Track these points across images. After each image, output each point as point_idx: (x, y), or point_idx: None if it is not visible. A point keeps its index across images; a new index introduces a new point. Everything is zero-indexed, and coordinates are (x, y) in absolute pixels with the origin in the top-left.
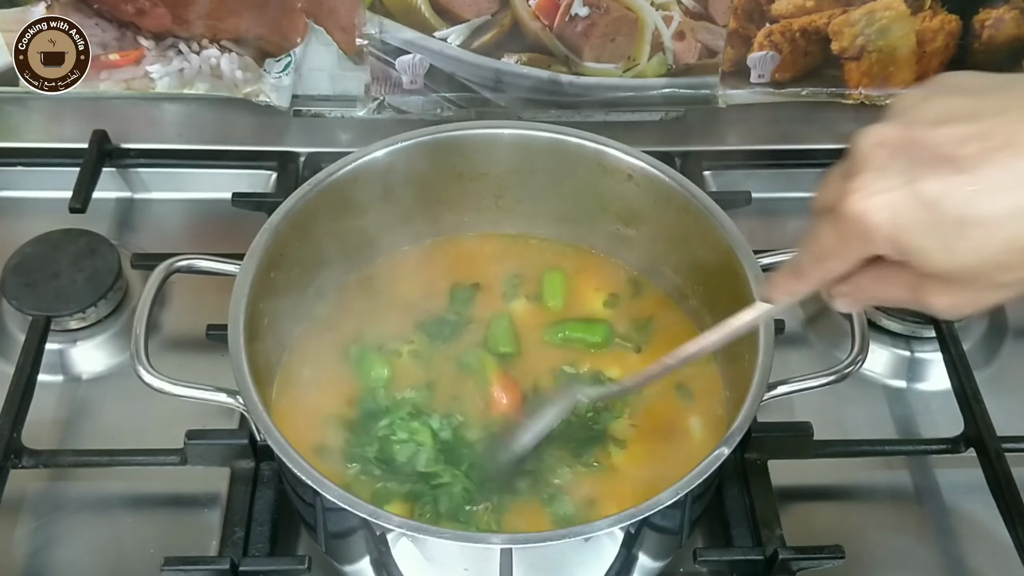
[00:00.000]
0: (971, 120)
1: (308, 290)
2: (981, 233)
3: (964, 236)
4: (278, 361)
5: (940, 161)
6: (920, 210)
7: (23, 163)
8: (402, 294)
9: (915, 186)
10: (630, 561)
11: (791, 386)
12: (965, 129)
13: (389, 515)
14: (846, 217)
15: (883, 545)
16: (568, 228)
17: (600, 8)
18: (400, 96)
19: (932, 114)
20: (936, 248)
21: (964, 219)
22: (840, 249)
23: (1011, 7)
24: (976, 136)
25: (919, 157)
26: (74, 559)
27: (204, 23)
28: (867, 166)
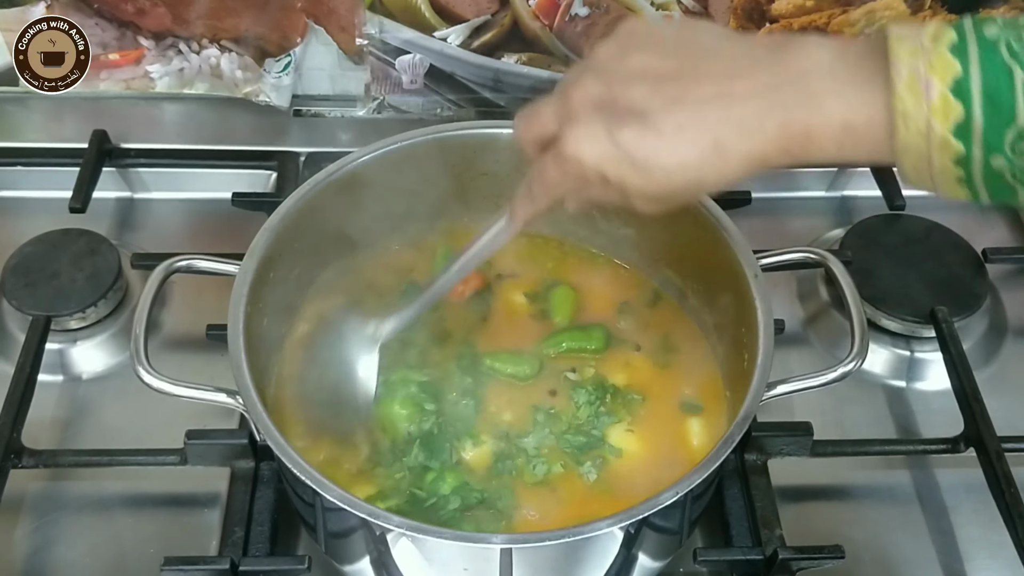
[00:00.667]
0: (656, 80)
1: (308, 290)
2: (662, 175)
3: (651, 176)
4: (278, 361)
5: (632, 116)
6: (619, 155)
7: (23, 163)
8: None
9: (614, 137)
10: (630, 561)
11: (791, 386)
12: (651, 87)
13: (389, 515)
14: (566, 158)
15: (883, 545)
16: (568, 228)
17: (600, 8)
18: (400, 96)
19: (627, 69)
20: (633, 182)
21: (649, 163)
22: (562, 180)
23: (1011, 7)
24: (658, 93)
25: (616, 112)
26: (74, 559)
27: (204, 23)
28: (578, 118)
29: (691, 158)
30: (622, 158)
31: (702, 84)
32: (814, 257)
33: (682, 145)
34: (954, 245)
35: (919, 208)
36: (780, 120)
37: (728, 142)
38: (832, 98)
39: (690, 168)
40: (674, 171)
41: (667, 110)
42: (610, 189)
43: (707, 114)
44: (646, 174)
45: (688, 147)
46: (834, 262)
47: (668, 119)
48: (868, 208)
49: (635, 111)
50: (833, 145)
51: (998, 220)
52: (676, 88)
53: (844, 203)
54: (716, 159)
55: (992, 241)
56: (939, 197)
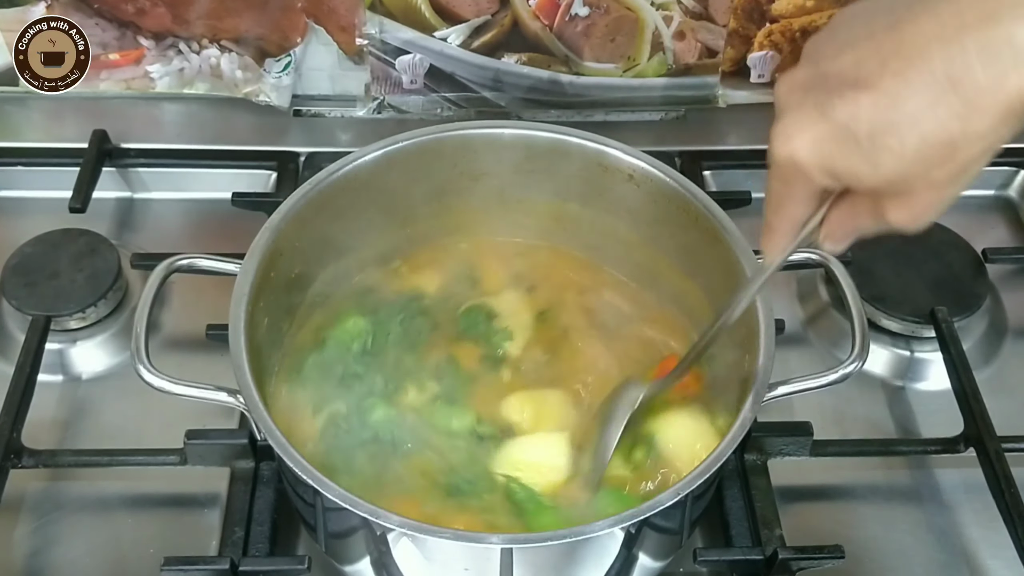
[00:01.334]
0: (867, 40)
1: (308, 289)
2: (894, 140)
3: (881, 147)
4: (278, 360)
5: (845, 86)
6: (837, 135)
7: (23, 163)
8: (401, 293)
9: (828, 115)
10: (630, 561)
11: (791, 386)
12: (862, 50)
13: (389, 515)
14: (779, 163)
15: (883, 545)
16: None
17: (600, 8)
18: (400, 96)
19: (834, 47)
20: (862, 165)
21: (875, 132)
22: (788, 192)
23: None
24: (871, 55)
25: (827, 88)
26: (74, 559)
27: (204, 23)
28: (785, 110)
29: (922, 106)
30: (840, 135)
31: (921, 23)
32: (815, 258)
33: (908, 94)
34: (954, 245)
35: None
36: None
37: (968, 77)
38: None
39: (925, 121)
40: (907, 129)
41: (884, 65)
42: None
43: (932, 53)
44: (874, 146)
45: (916, 94)
46: (834, 262)
47: (885, 73)
48: None
49: (848, 80)
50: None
51: (998, 220)
52: (890, 40)
53: None
54: (957, 103)
55: (992, 241)
56: None
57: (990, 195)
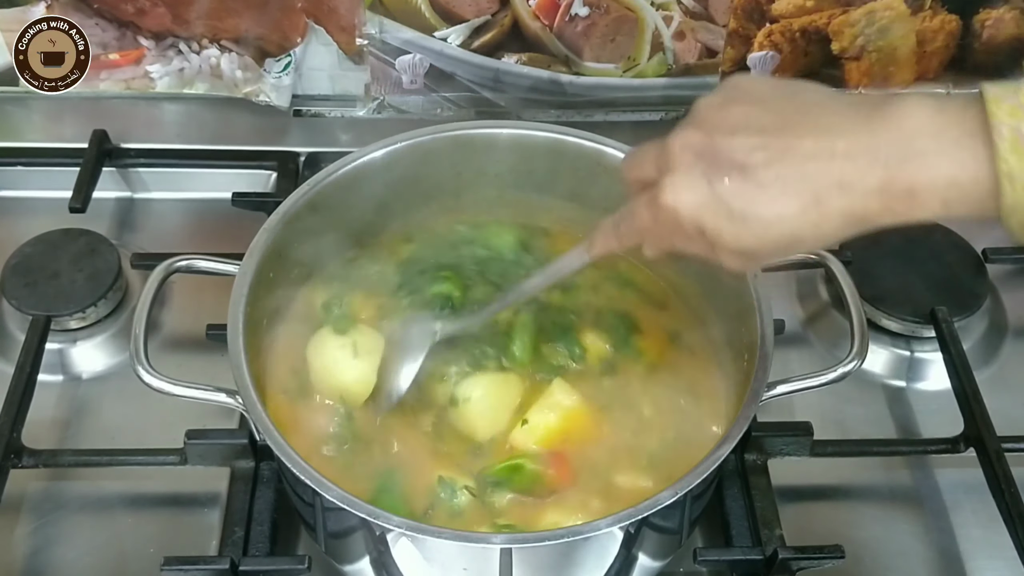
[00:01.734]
0: (758, 133)
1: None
2: (759, 227)
3: (747, 228)
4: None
5: (733, 167)
6: (716, 205)
7: (23, 163)
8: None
9: (713, 187)
10: (630, 561)
11: (791, 386)
12: (752, 140)
13: (389, 515)
14: (660, 206)
15: (883, 545)
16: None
17: (600, 8)
18: (400, 96)
19: (728, 123)
20: (727, 234)
21: (747, 215)
22: (654, 227)
23: (1011, 7)
24: (760, 147)
25: (717, 163)
26: (74, 559)
27: (204, 23)
28: (678, 166)
29: (790, 212)
30: (720, 209)
31: (804, 139)
32: (814, 257)
33: (782, 198)
34: (954, 245)
35: None
36: (883, 177)
37: (828, 198)
38: (936, 156)
39: (788, 221)
40: (772, 224)
41: (768, 164)
42: (700, 241)
43: (808, 169)
44: (743, 226)
45: (788, 200)
46: (834, 262)
47: (769, 172)
48: None
49: (736, 163)
50: (938, 203)
51: None
52: (778, 142)
53: None
54: (815, 214)
55: (992, 241)
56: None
57: None
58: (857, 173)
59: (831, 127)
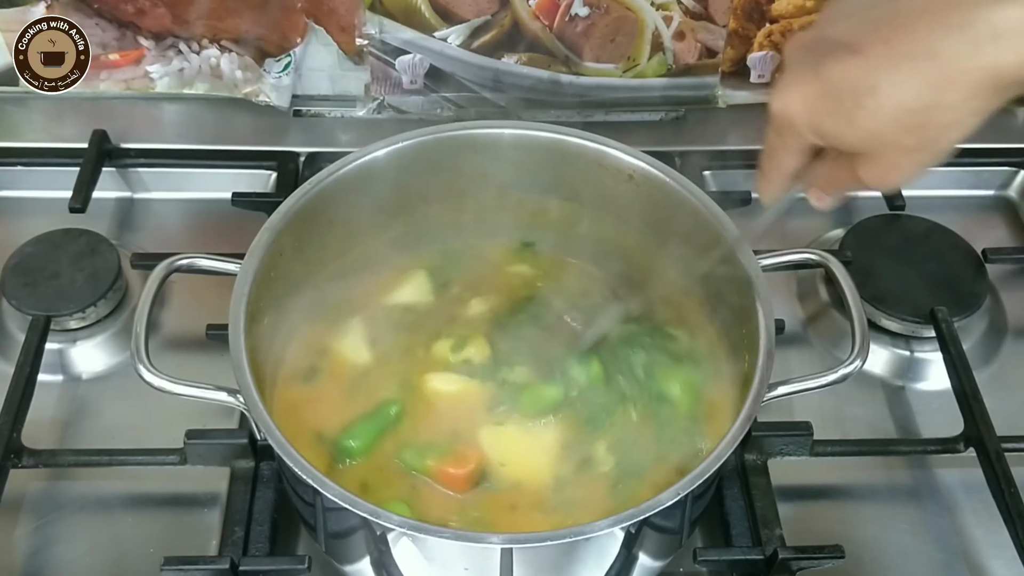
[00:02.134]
0: (868, 9)
1: (308, 289)
2: (872, 101)
3: (859, 106)
4: (278, 360)
5: (839, 48)
6: (824, 92)
7: (23, 163)
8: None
9: (819, 72)
10: (630, 561)
11: (791, 387)
12: (860, 18)
13: (389, 515)
14: (773, 114)
15: (883, 545)
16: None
17: (600, 8)
18: (400, 96)
19: (840, 13)
20: (841, 122)
21: (856, 91)
22: (780, 142)
23: None
24: (867, 22)
25: (824, 49)
26: (74, 559)
27: (204, 23)
28: (787, 67)
29: (902, 74)
30: (826, 93)
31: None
32: (814, 258)
33: (890, 61)
34: (954, 245)
35: (919, 208)
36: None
37: (948, 50)
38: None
39: (903, 87)
40: (885, 93)
41: (875, 32)
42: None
43: (919, 24)
44: (855, 105)
45: (899, 61)
46: (834, 263)
47: (875, 40)
48: (868, 208)
49: (842, 43)
50: None
51: (998, 220)
52: (888, 8)
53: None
54: (934, 73)
55: (992, 241)
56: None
57: (990, 195)
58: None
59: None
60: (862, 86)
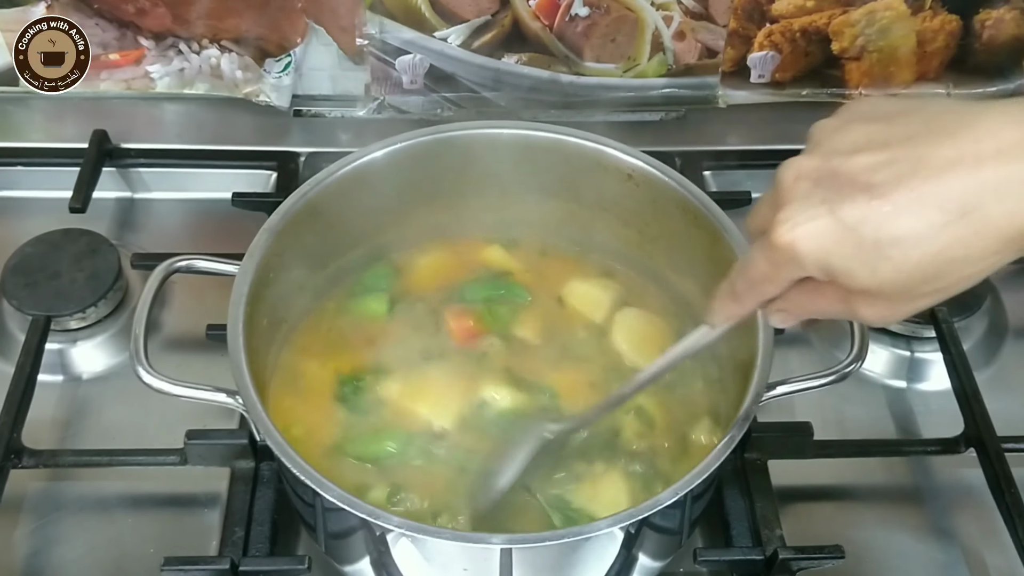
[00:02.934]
0: (882, 148)
1: (308, 290)
2: (898, 252)
3: (883, 256)
4: (277, 361)
5: (856, 189)
6: (842, 235)
7: (23, 163)
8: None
9: (836, 214)
10: (630, 561)
11: (791, 386)
12: (877, 157)
13: (389, 515)
14: (776, 247)
15: (883, 545)
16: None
17: (600, 8)
18: (400, 96)
19: (847, 144)
20: (860, 268)
21: (881, 241)
22: (773, 275)
23: (1011, 7)
24: (887, 163)
25: (837, 186)
26: (74, 559)
27: (204, 23)
28: (792, 198)
29: (931, 227)
30: (847, 238)
31: (941, 145)
32: None
33: (921, 213)
34: None
35: None
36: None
37: (980, 207)
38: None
39: (932, 241)
40: (912, 246)
41: (900, 179)
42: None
43: (949, 177)
44: (876, 255)
45: (928, 215)
46: None
47: (901, 187)
48: None
49: (860, 184)
50: None
51: None
52: (909, 153)
53: None
54: (964, 229)
55: None
56: None
57: None
58: (1015, 174)
59: (971, 130)
60: (888, 235)
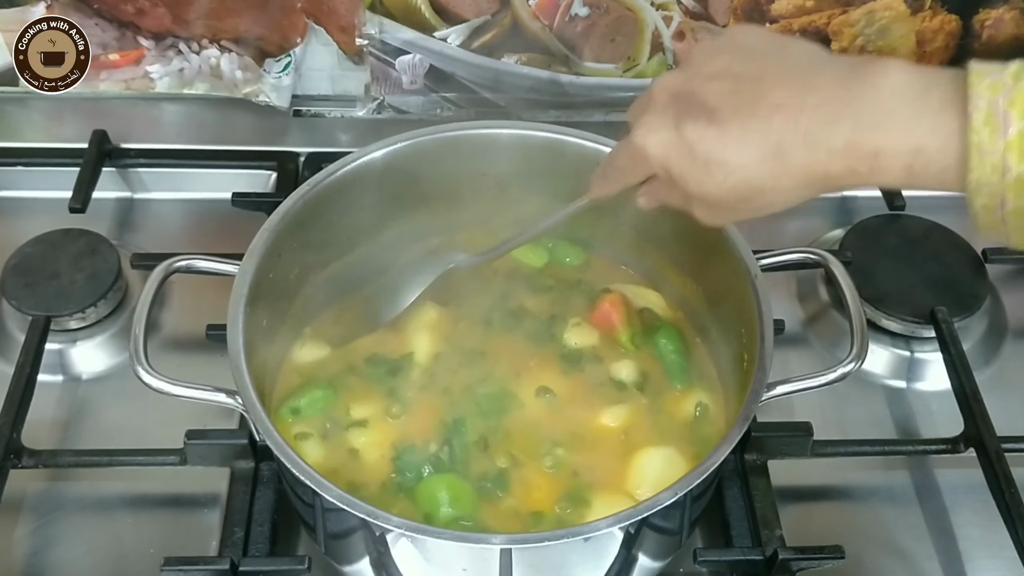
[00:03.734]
0: (734, 80)
1: (307, 290)
2: (719, 173)
3: (708, 173)
4: (277, 361)
5: (702, 111)
6: (681, 148)
7: (23, 163)
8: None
9: (679, 129)
10: (630, 561)
11: (791, 386)
12: (726, 86)
13: (388, 515)
14: (633, 144)
15: (883, 545)
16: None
17: (600, 8)
18: (400, 96)
19: (709, 69)
20: (691, 179)
21: (709, 161)
22: (630, 167)
23: (1011, 7)
24: (731, 93)
25: (688, 106)
26: (74, 559)
27: (204, 23)
28: (653, 107)
29: (750, 159)
30: (684, 150)
31: (776, 89)
32: (814, 257)
33: (743, 145)
34: (954, 245)
35: (919, 208)
36: (848, 136)
37: (791, 150)
38: (906, 120)
39: (747, 170)
40: (732, 170)
41: (736, 110)
42: (672, 187)
43: (774, 119)
44: (705, 171)
45: (749, 148)
46: (834, 262)
47: (735, 118)
48: (868, 208)
49: (706, 107)
50: (901, 169)
51: None
52: (750, 90)
53: (844, 203)
54: (775, 166)
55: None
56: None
57: None
58: (823, 129)
59: (807, 81)
60: (714, 157)
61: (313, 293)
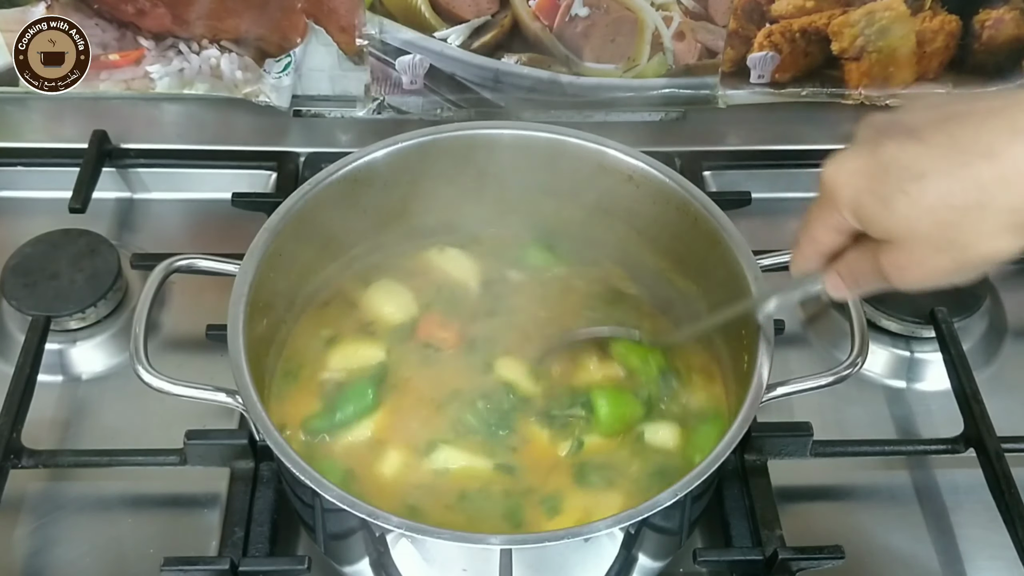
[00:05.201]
0: (947, 106)
1: (307, 290)
2: (915, 188)
3: (903, 190)
4: (277, 361)
5: (903, 133)
6: (873, 170)
7: (23, 163)
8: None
9: (875, 152)
10: (630, 561)
11: (791, 387)
12: (937, 112)
13: (388, 516)
14: (822, 182)
15: (883, 545)
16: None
17: (600, 8)
18: (400, 96)
19: (921, 104)
20: (879, 204)
21: (904, 175)
22: (818, 214)
23: (1011, 7)
24: (941, 116)
25: (891, 132)
26: (74, 559)
27: (204, 23)
28: (853, 143)
29: (956, 166)
30: (876, 171)
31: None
32: None
33: (949, 152)
34: None
35: None
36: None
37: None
38: None
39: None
40: (930, 183)
41: (943, 123)
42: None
43: (987, 123)
44: (896, 187)
45: (955, 155)
46: None
47: (940, 128)
48: None
49: (909, 129)
50: None
51: None
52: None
53: None
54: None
55: None
56: None
57: None
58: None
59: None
60: (911, 171)
61: (313, 293)
